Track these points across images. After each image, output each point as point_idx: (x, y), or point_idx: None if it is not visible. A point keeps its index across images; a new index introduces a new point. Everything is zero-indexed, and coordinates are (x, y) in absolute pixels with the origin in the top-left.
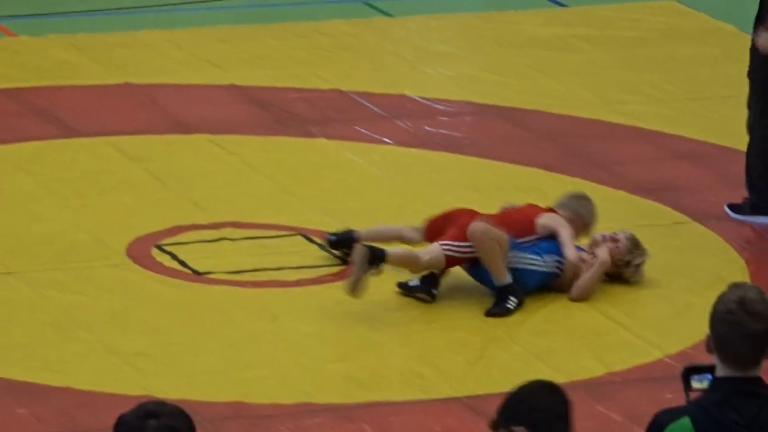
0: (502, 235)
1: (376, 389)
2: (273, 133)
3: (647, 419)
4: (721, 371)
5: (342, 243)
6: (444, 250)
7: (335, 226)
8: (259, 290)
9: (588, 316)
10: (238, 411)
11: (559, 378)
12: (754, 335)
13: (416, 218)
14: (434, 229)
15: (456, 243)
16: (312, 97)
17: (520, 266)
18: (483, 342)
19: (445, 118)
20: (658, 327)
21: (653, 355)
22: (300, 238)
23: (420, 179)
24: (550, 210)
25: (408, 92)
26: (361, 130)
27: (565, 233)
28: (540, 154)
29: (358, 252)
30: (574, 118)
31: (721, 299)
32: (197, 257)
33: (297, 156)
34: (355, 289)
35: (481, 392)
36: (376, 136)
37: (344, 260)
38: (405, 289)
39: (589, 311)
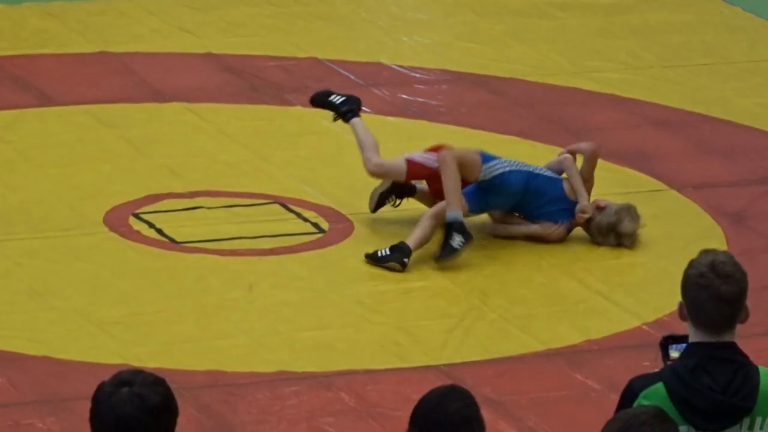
0: (473, 156)
1: (353, 357)
2: (249, 101)
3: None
4: (694, 337)
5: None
6: (406, 156)
7: (312, 194)
8: (235, 258)
9: (565, 283)
10: (216, 379)
11: (536, 346)
12: (726, 298)
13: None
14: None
15: (423, 154)
16: (288, 65)
17: (497, 172)
18: (460, 310)
19: (421, 86)
20: (636, 295)
21: (631, 322)
22: (277, 206)
23: (396, 147)
24: None
25: (384, 60)
26: None
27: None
28: (516, 122)
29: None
30: (549, 86)
31: (692, 264)
32: (174, 225)
33: (273, 124)
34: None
35: (458, 360)
36: None
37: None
38: (374, 260)
39: (566, 279)
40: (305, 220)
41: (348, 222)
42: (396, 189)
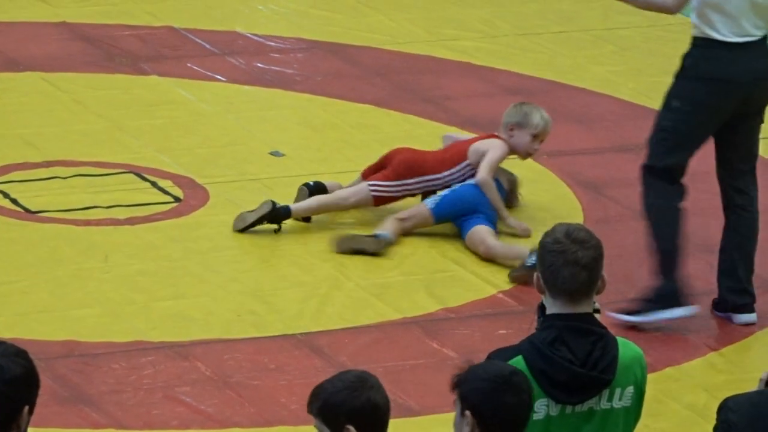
0: (413, 214)
1: (209, 327)
2: (105, 70)
3: (481, 355)
4: (552, 308)
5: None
6: (371, 190)
7: (168, 163)
8: (91, 228)
9: (422, 252)
10: (71, 349)
11: (393, 315)
12: (583, 263)
13: (248, 155)
14: (371, 172)
15: (384, 183)
16: (143, 34)
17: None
18: (317, 279)
19: (277, 55)
20: (491, 263)
21: (486, 291)
22: (131, 176)
23: (252, 116)
24: (492, 136)
25: (239, 29)
26: (194, 67)
27: (489, 155)
28: (371, 91)
29: (263, 205)
30: (405, 54)
31: (546, 234)
32: (29, 195)
33: (129, 93)
34: (239, 227)
35: (315, 329)
36: (208, 72)
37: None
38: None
39: (424, 248)
40: (161, 189)
41: (203, 191)
42: (270, 216)
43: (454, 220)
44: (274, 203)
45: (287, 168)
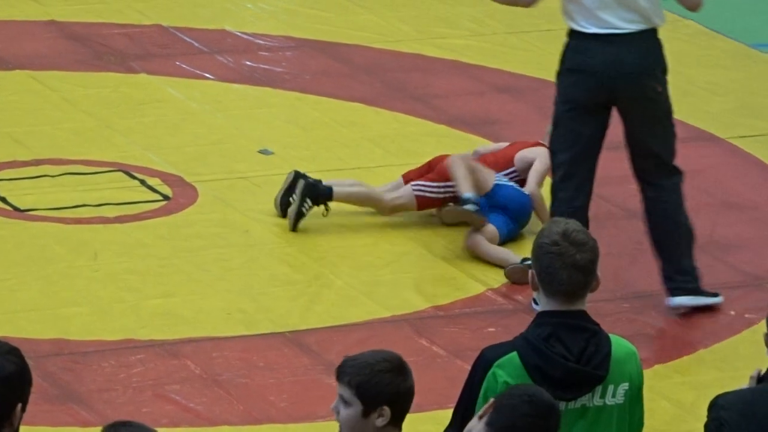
0: (484, 171)
1: (199, 325)
2: (94, 68)
3: (470, 353)
4: (546, 306)
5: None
6: (414, 190)
7: (156, 161)
8: (80, 227)
9: (411, 249)
10: (61, 347)
11: (382, 312)
12: (580, 265)
13: (237, 153)
14: (412, 176)
15: (429, 183)
16: (132, 32)
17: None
18: (306, 278)
19: (266, 53)
20: (481, 261)
21: (476, 289)
22: (121, 174)
23: (241, 114)
24: (538, 144)
25: (228, 27)
26: (182, 65)
27: (537, 165)
28: (361, 89)
29: (299, 186)
30: (394, 52)
31: (543, 233)
32: (18, 194)
33: (118, 92)
34: (292, 224)
35: (304, 327)
36: (197, 71)
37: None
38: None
39: (412, 245)
40: (149, 187)
41: (192, 189)
42: (309, 192)
43: (489, 208)
44: (297, 172)
45: (276, 166)
